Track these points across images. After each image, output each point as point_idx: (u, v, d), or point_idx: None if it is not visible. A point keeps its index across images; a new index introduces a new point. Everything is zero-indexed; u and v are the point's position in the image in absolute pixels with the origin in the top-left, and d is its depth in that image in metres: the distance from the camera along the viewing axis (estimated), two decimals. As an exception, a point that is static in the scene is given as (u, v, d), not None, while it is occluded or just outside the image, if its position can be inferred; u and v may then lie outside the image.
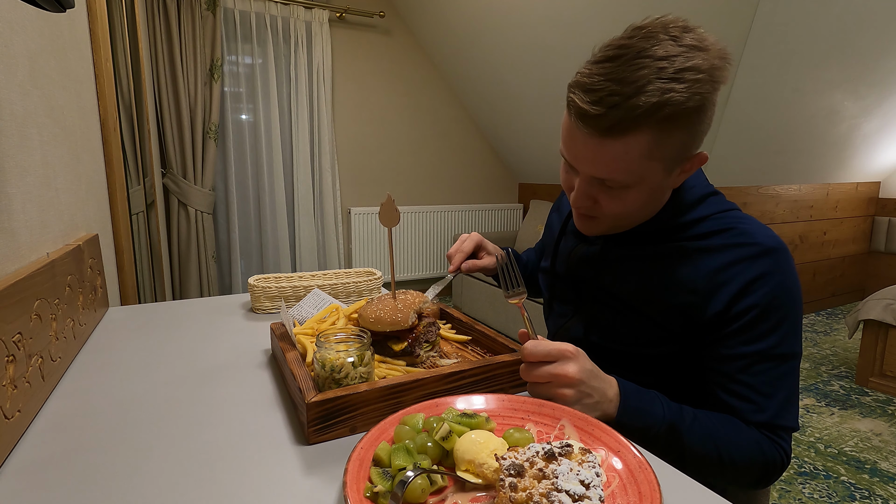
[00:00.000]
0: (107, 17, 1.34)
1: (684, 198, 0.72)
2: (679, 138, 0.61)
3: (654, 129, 0.58)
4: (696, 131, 0.62)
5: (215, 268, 3.03)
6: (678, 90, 0.56)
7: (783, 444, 0.65)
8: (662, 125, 0.58)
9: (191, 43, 2.75)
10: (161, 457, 0.52)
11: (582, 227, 0.75)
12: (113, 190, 1.35)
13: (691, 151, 0.65)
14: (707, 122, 0.62)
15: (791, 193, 3.29)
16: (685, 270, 0.68)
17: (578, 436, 0.52)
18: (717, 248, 0.67)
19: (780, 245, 0.66)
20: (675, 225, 0.71)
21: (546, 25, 2.61)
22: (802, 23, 2.04)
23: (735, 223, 0.69)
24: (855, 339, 3.05)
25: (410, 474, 0.42)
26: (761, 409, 0.64)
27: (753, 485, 0.67)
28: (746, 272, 0.65)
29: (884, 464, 1.82)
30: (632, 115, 0.57)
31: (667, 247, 0.71)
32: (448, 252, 0.96)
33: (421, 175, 3.80)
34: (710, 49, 0.58)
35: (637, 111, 0.56)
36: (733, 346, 0.66)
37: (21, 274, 0.60)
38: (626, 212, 0.69)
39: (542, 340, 0.61)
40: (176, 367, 0.76)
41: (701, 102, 0.58)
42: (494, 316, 3.15)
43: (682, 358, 0.72)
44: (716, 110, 0.63)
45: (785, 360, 0.65)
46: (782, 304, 0.64)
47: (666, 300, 0.69)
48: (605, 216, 0.70)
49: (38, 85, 0.80)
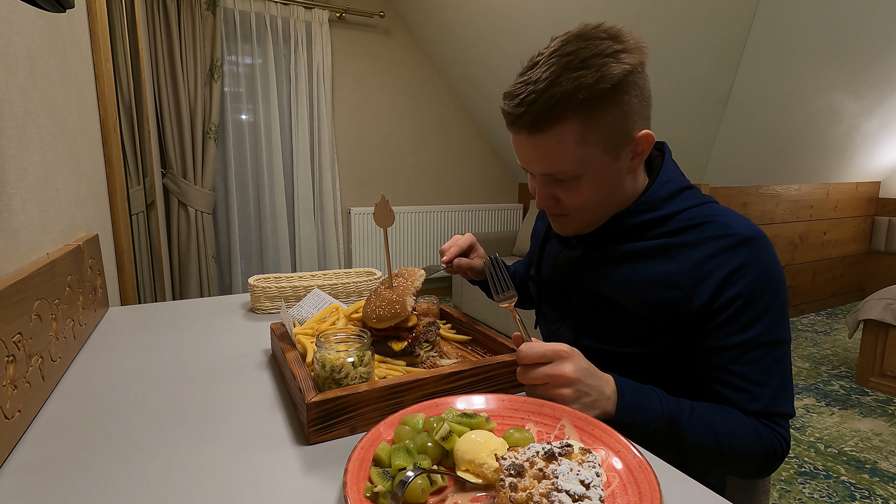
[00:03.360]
0: (107, 17, 1.34)
1: (659, 193, 0.73)
2: (607, 120, 0.64)
3: (578, 115, 0.63)
4: (625, 111, 0.65)
5: (215, 268, 3.03)
6: (586, 75, 0.61)
7: (781, 432, 0.65)
8: (583, 109, 0.62)
9: (191, 43, 2.75)
10: (161, 457, 0.52)
11: (557, 228, 0.78)
12: (113, 190, 1.35)
13: (631, 132, 0.67)
14: (638, 103, 0.66)
15: (791, 193, 3.30)
16: (667, 266, 0.70)
17: (578, 436, 0.52)
18: (696, 242, 0.69)
19: (758, 234, 0.68)
20: (652, 220, 0.72)
21: (546, 25, 2.61)
22: (802, 23, 2.04)
23: (712, 216, 0.70)
24: (855, 339, 3.05)
25: (410, 474, 0.42)
26: (756, 398, 0.65)
27: (755, 474, 0.67)
28: (727, 263, 0.66)
29: (884, 463, 1.82)
30: (549, 106, 0.62)
31: (646, 244, 0.72)
32: (442, 247, 0.97)
33: (420, 175, 3.79)
34: (619, 37, 0.64)
35: (553, 101, 0.62)
36: (722, 337, 0.66)
37: (21, 274, 0.60)
38: (588, 202, 0.71)
39: (536, 342, 0.61)
40: (176, 367, 0.76)
41: (615, 82, 0.62)
42: (494, 316, 3.15)
43: (674, 354, 0.72)
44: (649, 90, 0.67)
45: (775, 346, 0.66)
46: (766, 291, 0.66)
47: (651, 297, 0.70)
48: (570, 211, 0.73)
49: (38, 85, 0.80)
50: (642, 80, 0.66)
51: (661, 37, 2.22)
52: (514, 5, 2.69)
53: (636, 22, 2.22)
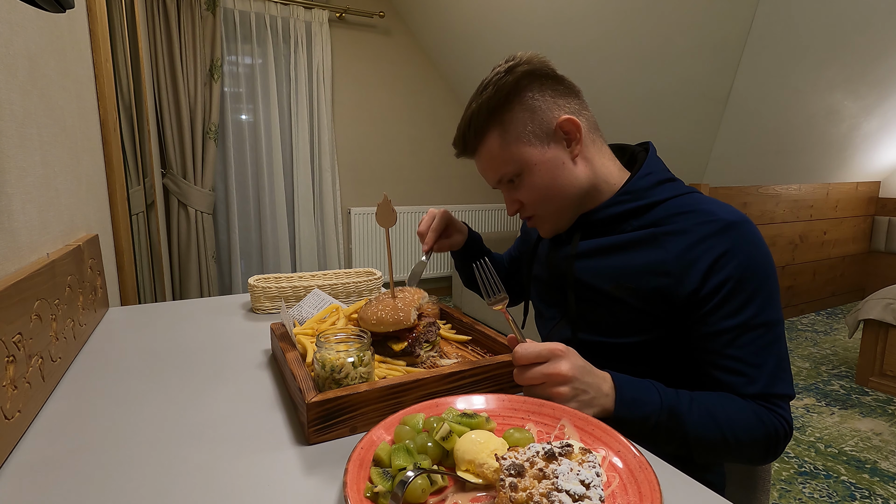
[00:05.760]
0: (107, 18, 1.34)
1: (639, 184, 0.75)
2: (517, 119, 0.73)
3: (492, 125, 0.74)
4: (532, 106, 0.73)
5: (215, 268, 3.03)
6: (486, 95, 0.73)
7: (783, 413, 0.65)
8: (493, 118, 0.74)
9: (191, 43, 2.75)
10: (161, 457, 0.52)
11: (541, 233, 0.84)
12: (113, 190, 1.35)
13: (550, 123, 0.73)
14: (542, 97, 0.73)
15: (791, 193, 3.30)
16: (655, 254, 0.71)
17: (579, 435, 0.52)
18: (682, 231, 0.70)
19: (741, 218, 0.69)
20: (633, 209, 0.74)
21: (546, 25, 2.61)
22: (802, 23, 2.04)
23: (696, 205, 0.72)
24: (855, 339, 3.05)
25: (411, 474, 0.42)
26: (753, 381, 0.65)
27: (761, 459, 0.67)
28: (714, 248, 0.67)
29: (884, 463, 1.82)
30: (471, 132, 0.76)
31: (634, 235, 0.74)
32: (418, 230, 0.97)
33: (421, 175, 3.79)
34: (512, 57, 0.74)
35: (470, 127, 0.76)
36: (715, 322, 0.67)
37: (21, 274, 0.60)
38: (541, 194, 0.76)
39: (531, 342, 0.61)
40: (176, 368, 0.76)
41: (510, 88, 0.72)
42: (494, 316, 3.15)
43: (671, 342, 0.73)
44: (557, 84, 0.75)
45: (768, 328, 0.66)
46: (754, 273, 0.66)
47: (642, 286, 0.71)
48: (534, 209, 0.79)
49: (38, 85, 0.80)
50: (541, 77, 0.73)
51: (661, 37, 2.22)
52: (514, 5, 2.69)
53: (635, 22, 2.22)
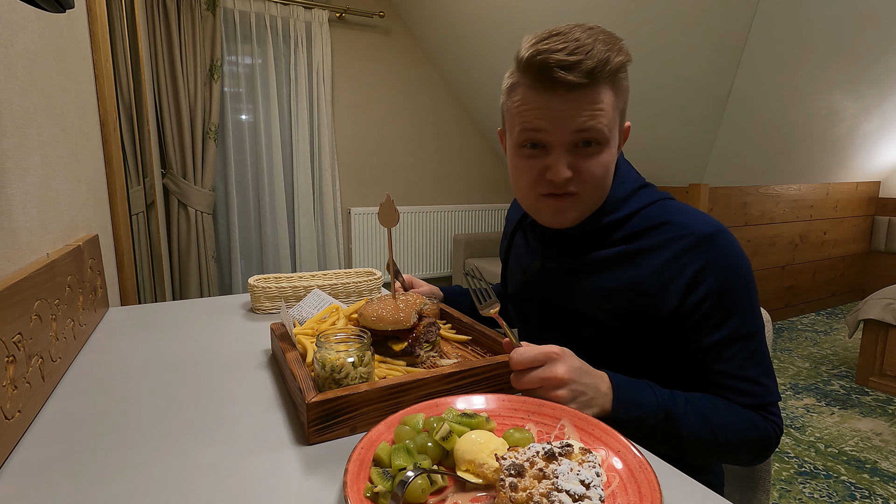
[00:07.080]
0: (107, 18, 1.34)
1: (616, 194, 0.72)
2: (623, 90, 0.67)
3: (612, 83, 0.65)
4: (627, 93, 0.69)
5: (215, 268, 3.03)
6: (614, 49, 0.63)
7: (775, 419, 0.66)
8: (615, 80, 0.65)
9: (190, 43, 2.75)
10: (161, 457, 0.52)
11: (554, 217, 0.72)
12: (113, 190, 1.35)
13: (625, 117, 0.70)
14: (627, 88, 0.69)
15: (791, 193, 3.29)
16: (631, 273, 0.69)
17: (579, 436, 0.52)
18: (657, 246, 0.68)
19: (716, 229, 0.67)
20: (613, 221, 0.72)
21: (546, 25, 2.61)
22: (802, 22, 2.04)
23: (670, 216, 0.69)
24: (855, 339, 3.05)
25: (411, 474, 0.42)
26: (742, 394, 0.66)
27: (752, 461, 0.68)
28: (690, 265, 0.66)
29: (884, 463, 1.82)
30: (601, 65, 0.62)
31: (608, 252, 0.71)
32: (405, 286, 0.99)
33: (421, 175, 3.79)
34: None
35: (603, 61, 0.62)
36: (698, 339, 0.67)
37: (21, 274, 0.60)
38: (601, 180, 0.68)
39: (527, 346, 0.61)
40: (176, 368, 0.76)
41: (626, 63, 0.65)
42: (494, 316, 3.14)
43: (655, 358, 0.72)
44: None
45: (751, 338, 0.66)
46: (734, 285, 0.66)
47: (621, 306, 0.70)
48: (584, 186, 0.68)
49: (37, 85, 0.80)
50: None
51: (661, 36, 2.22)
52: (514, 5, 2.69)
53: (636, 21, 2.22)
